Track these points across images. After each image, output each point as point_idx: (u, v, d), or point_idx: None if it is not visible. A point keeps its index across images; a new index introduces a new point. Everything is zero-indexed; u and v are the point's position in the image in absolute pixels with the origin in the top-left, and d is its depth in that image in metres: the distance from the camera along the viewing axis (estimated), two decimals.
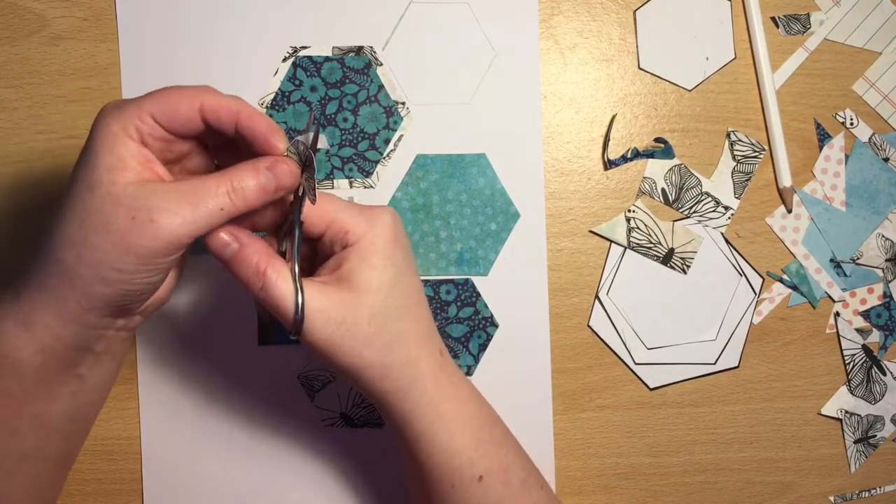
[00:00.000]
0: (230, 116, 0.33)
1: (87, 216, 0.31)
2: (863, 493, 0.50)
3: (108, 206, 0.31)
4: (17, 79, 0.46)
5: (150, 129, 0.32)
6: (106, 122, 0.32)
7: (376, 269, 0.35)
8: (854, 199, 0.49)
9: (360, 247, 0.35)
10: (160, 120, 0.32)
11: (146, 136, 0.32)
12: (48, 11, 0.46)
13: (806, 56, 0.49)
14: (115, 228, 0.31)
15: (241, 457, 0.47)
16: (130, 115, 0.32)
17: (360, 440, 0.47)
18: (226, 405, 0.47)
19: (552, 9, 0.48)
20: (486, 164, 0.48)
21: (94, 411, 0.39)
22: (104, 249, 0.31)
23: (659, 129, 0.48)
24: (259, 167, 0.33)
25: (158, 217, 0.31)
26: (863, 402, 0.50)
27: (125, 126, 0.32)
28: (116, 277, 0.31)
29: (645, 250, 0.48)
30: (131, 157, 0.32)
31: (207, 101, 0.33)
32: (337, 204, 0.36)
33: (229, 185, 0.32)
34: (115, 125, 0.32)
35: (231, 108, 0.33)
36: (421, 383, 0.36)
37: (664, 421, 0.49)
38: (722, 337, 0.49)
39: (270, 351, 0.47)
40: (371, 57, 0.47)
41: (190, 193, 0.32)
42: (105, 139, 0.31)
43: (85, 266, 0.31)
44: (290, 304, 0.33)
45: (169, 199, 0.31)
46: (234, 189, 0.32)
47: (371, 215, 0.36)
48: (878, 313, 0.50)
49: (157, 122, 0.32)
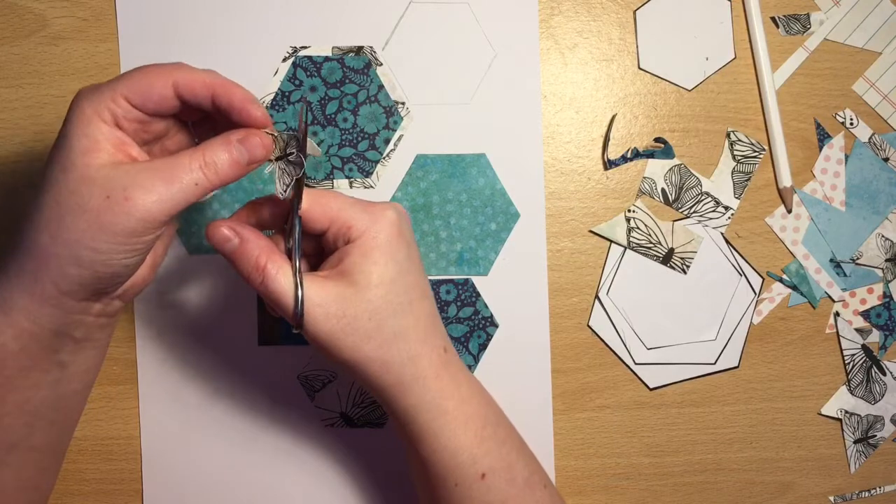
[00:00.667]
0: (205, 90, 0.34)
1: (61, 198, 0.31)
2: (863, 493, 0.50)
3: (82, 188, 0.31)
4: (17, 79, 0.46)
5: (124, 112, 0.32)
6: (80, 105, 0.32)
7: (377, 264, 0.35)
8: (854, 199, 0.49)
9: (362, 242, 0.35)
10: (134, 101, 0.33)
11: (120, 119, 0.33)
12: (48, 11, 0.46)
13: (806, 56, 0.49)
14: (90, 208, 0.31)
15: (241, 457, 0.47)
16: (104, 98, 0.32)
17: (360, 440, 0.47)
18: (226, 405, 0.47)
19: (552, 9, 0.48)
20: (486, 164, 0.48)
21: (79, 400, 0.39)
22: (79, 229, 0.31)
23: (659, 129, 0.48)
24: (231, 140, 0.33)
25: (132, 194, 0.31)
26: (863, 402, 0.50)
27: (98, 109, 0.32)
28: (91, 258, 0.31)
29: (645, 250, 0.48)
30: (105, 139, 0.32)
31: (181, 77, 0.33)
32: (341, 200, 0.36)
33: (202, 160, 0.33)
34: (89, 108, 0.32)
35: (205, 81, 0.34)
36: (423, 380, 0.36)
37: (664, 421, 0.49)
38: (722, 337, 0.49)
39: (270, 351, 0.47)
40: (371, 57, 0.47)
41: (163, 170, 0.32)
42: (79, 122, 0.32)
43: (60, 246, 0.31)
44: (289, 299, 0.34)
45: (142, 178, 0.31)
46: (207, 164, 0.33)
47: (375, 211, 0.36)
48: (877, 313, 0.50)
49: (130, 104, 0.33)
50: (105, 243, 0.31)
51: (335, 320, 0.34)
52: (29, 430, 0.36)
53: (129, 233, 0.31)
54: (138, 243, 0.32)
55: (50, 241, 0.31)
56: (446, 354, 0.38)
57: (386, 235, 0.35)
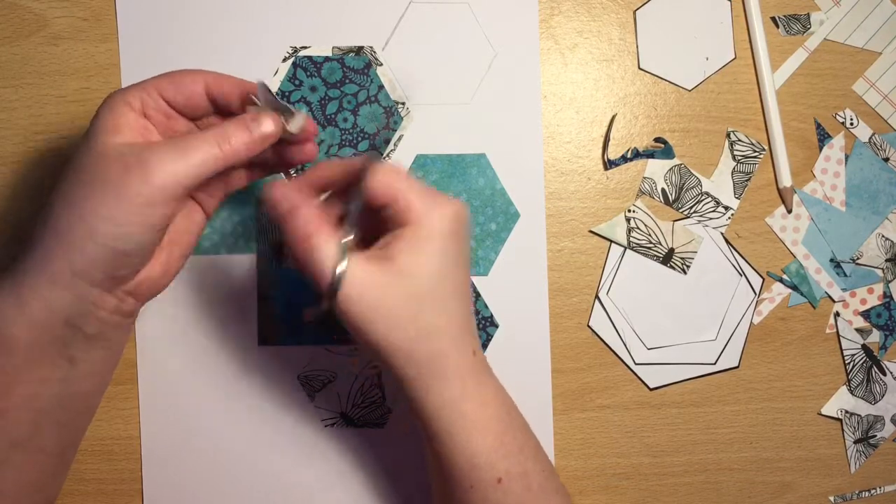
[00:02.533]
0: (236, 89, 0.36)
1: (81, 174, 0.33)
2: (863, 493, 0.50)
3: (100, 162, 0.32)
4: (17, 79, 0.46)
5: (153, 103, 0.34)
6: (111, 96, 0.34)
7: (425, 255, 0.34)
8: (854, 199, 0.49)
9: (415, 229, 0.34)
10: (165, 94, 0.35)
11: (148, 108, 0.34)
12: (48, 11, 0.46)
13: (806, 56, 0.49)
14: (108, 179, 0.32)
15: (242, 457, 0.47)
16: (134, 89, 0.34)
17: (360, 440, 0.47)
18: (226, 405, 0.47)
19: (552, 9, 0.48)
20: (486, 164, 0.48)
21: (89, 404, 0.39)
22: (96, 200, 0.32)
23: (659, 129, 0.49)
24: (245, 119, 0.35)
25: (148, 162, 0.32)
26: (863, 402, 0.50)
27: (127, 98, 0.34)
28: (106, 230, 0.32)
29: (645, 250, 0.48)
30: (128, 123, 0.34)
31: (211, 78, 0.36)
32: (406, 181, 0.35)
33: (217, 136, 0.34)
34: (118, 98, 0.34)
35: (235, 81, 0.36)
36: (445, 379, 0.35)
37: (664, 421, 0.49)
38: (722, 337, 0.49)
39: (270, 351, 0.47)
40: (371, 57, 0.47)
41: (180, 143, 0.33)
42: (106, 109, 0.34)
43: (76, 221, 0.32)
44: (328, 272, 0.33)
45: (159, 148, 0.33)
46: (223, 137, 0.34)
47: (437, 202, 0.35)
48: (878, 313, 0.50)
49: (161, 97, 0.35)
50: (121, 212, 0.32)
51: (369, 302, 0.33)
52: (35, 429, 0.36)
53: (145, 201, 0.32)
54: (153, 215, 0.33)
55: (65, 219, 0.32)
56: (474, 357, 0.37)
57: (440, 229, 0.34)
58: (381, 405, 0.48)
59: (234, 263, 0.47)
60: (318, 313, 0.34)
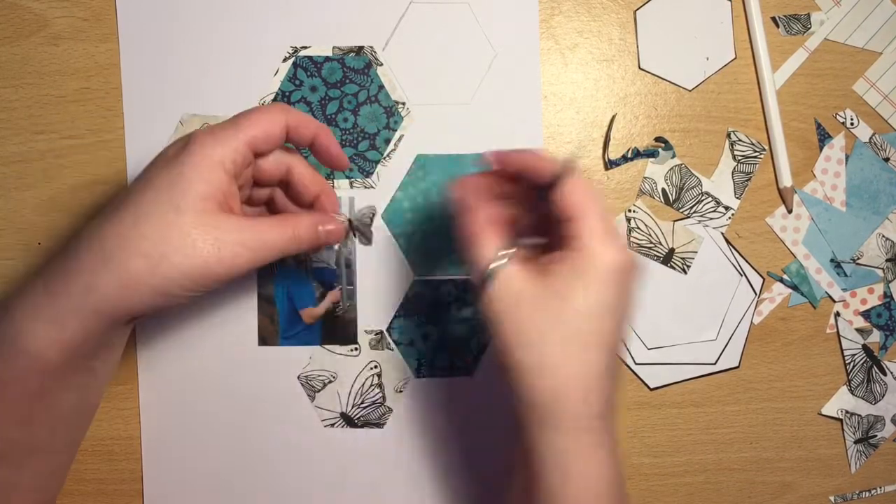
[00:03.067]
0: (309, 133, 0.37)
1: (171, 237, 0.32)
2: (863, 494, 0.50)
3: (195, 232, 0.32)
4: (17, 79, 0.46)
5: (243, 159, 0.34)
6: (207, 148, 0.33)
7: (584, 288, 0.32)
8: (854, 200, 0.49)
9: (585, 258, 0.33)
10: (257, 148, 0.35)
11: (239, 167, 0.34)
12: (48, 11, 0.46)
13: (806, 56, 0.49)
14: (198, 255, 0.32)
15: (242, 457, 0.47)
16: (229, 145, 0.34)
17: (360, 440, 0.47)
18: (226, 405, 0.47)
19: (552, 9, 0.48)
20: (487, 165, 0.47)
21: (98, 402, 0.40)
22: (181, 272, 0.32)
23: (659, 129, 0.48)
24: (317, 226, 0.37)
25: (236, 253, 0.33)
26: (863, 402, 0.50)
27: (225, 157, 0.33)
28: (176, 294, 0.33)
29: (645, 250, 0.48)
30: (220, 189, 0.33)
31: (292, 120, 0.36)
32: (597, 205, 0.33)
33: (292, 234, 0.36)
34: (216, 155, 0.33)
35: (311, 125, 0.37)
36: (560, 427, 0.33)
37: (665, 421, 0.49)
38: (722, 337, 0.49)
39: (270, 351, 0.47)
40: (371, 57, 0.47)
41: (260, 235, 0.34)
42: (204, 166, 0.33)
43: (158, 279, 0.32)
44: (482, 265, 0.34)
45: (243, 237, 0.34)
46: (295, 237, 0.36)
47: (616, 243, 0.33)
48: (878, 313, 0.50)
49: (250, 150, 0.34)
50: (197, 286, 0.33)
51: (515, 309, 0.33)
52: (52, 434, 0.36)
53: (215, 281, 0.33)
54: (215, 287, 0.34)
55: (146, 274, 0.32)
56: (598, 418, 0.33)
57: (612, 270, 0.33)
58: (382, 405, 0.48)
59: None
60: (317, 314, 0.35)
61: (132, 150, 0.46)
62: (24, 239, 0.46)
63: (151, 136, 0.46)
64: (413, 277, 0.47)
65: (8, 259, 0.46)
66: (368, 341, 0.47)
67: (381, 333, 0.47)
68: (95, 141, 0.46)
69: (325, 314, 0.47)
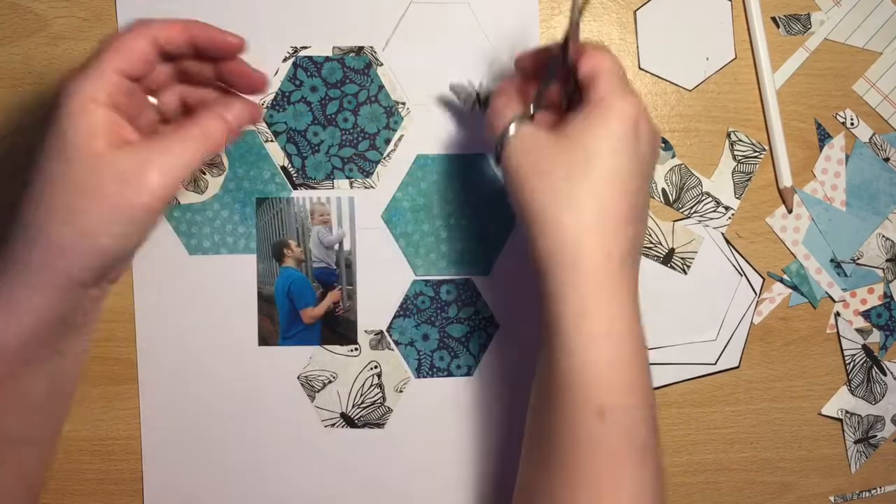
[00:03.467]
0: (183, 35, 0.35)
1: (69, 187, 0.32)
2: (863, 494, 0.50)
3: (91, 175, 0.31)
4: (18, 79, 0.46)
5: (116, 87, 0.33)
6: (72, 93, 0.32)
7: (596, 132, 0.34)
8: (854, 200, 0.49)
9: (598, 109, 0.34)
10: (124, 70, 0.33)
11: (114, 95, 0.33)
12: (49, 12, 0.46)
13: (806, 56, 0.49)
14: (106, 192, 0.31)
15: (242, 457, 0.47)
16: (95, 80, 0.32)
17: (360, 440, 0.47)
18: (226, 405, 0.47)
19: (552, 9, 0.48)
20: (487, 164, 0.47)
21: (73, 385, 0.39)
22: (95, 217, 0.31)
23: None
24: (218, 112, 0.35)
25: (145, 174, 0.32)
26: (863, 403, 0.50)
27: (93, 93, 0.32)
28: (110, 243, 0.32)
29: (645, 250, 0.48)
30: (102, 123, 0.32)
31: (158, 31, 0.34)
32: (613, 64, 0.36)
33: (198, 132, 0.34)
34: (83, 95, 0.32)
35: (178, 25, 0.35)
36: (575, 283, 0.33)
37: (665, 421, 0.49)
38: (722, 337, 0.49)
39: (270, 351, 0.47)
40: (371, 57, 0.47)
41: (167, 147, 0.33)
42: (75, 110, 0.32)
43: (76, 237, 0.31)
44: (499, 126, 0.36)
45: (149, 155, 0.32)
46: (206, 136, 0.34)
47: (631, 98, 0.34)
48: (878, 313, 0.50)
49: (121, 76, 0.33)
50: (124, 226, 0.32)
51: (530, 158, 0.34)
52: (27, 424, 0.36)
53: (145, 210, 0.32)
54: (152, 219, 0.33)
55: (63, 232, 0.31)
56: (614, 264, 0.33)
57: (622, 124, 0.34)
58: (382, 405, 0.48)
59: (234, 263, 0.47)
60: (317, 314, 0.34)
61: None
62: None
63: None
64: (413, 277, 0.47)
65: None
66: (368, 341, 0.47)
67: (381, 333, 0.47)
68: None
69: (325, 314, 0.47)
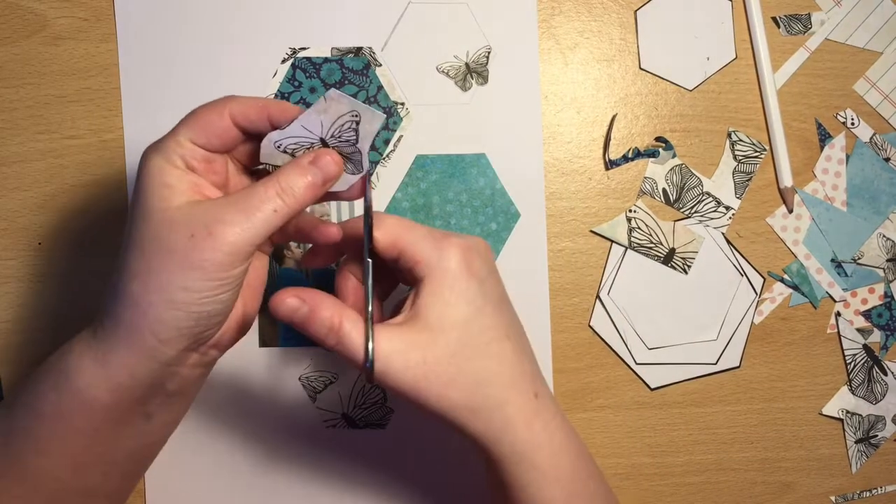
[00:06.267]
0: (260, 112, 0.34)
1: (145, 244, 0.31)
2: (864, 494, 0.50)
3: (163, 230, 0.31)
4: (18, 79, 0.46)
5: (191, 153, 0.33)
6: (149, 157, 0.32)
7: (448, 304, 0.33)
8: (855, 199, 0.49)
9: (430, 280, 0.34)
10: (198, 141, 0.33)
11: (190, 161, 0.33)
12: (49, 12, 0.46)
13: (807, 56, 0.49)
14: (176, 249, 0.31)
15: (243, 458, 0.47)
16: (169, 146, 0.32)
17: (361, 441, 0.47)
18: (227, 406, 0.47)
19: (553, 8, 0.48)
20: (486, 164, 0.47)
21: (156, 451, 0.39)
22: (168, 271, 0.31)
23: (660, 129, 0.48)
24: (303, 164, 0.33)
25: (215, 229, 0.31)
26: (864, 402, 0.50)
27: (167, 157, 0.32)
28: (185, 298, 0.31)
29: (646, 250, 0.48)
30: (179, 182, 0.32)
31: (234, 106, 0.33)
32: (410, 233, 0.34)
33: (278, 187, 0.33)
34: (159, 158, 0.32)
35: (258, 103, 0.34)
36: (512, 429, 0.34)
37: (665, 421, 0.49)
38: (723, 337, 0.49)
39: (271, 352, 0.47)
40: (370, 58, 0.47)
41: (241, 202, 0.32)
42: (152, 173, 0.32)
43: (153, 293, 0.31)
44: (359, 355, 0.33)
45: (222, 211, 0.31)
46: (284, 189, 0.33)
47: (443, 245, 0.34)
48: (879, 313, 0.50)
49: (195, 145, 0.33)
50: (197, 281, 0.31)
51: (415, 368, 0.33)
52: (105, 479, 0.36)
53: (218, 267, 0.31)
54: (228, 277, 0.32)
55: (142, 290, 0.31)
56: (537, 400, 0.35)
57: (454, 273, 0.34)
58: (383, 406, 0.47)
59: None
60: None
61: (132, 150, 0.46)
62: (24, 239, 0.46)
63: (151, 137, 0.46)
64: None
65: (8, 259, 0.46)
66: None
67: None
68: (95, 141, 0.46)
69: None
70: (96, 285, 0.46)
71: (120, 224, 0.46)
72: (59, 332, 0.46)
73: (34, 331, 0.46)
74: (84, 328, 0.34)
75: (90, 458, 0.34)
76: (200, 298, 0.32)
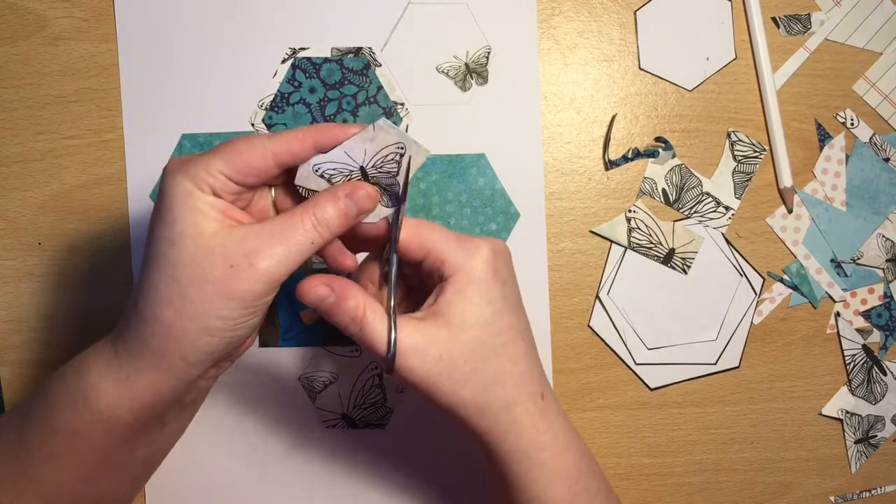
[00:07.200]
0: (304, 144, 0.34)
1: (178, 271, 0.31)
2: (863, 494, 0.50)
3: (200, 258, 0.31)
4: (18, 79, 0.46)
5: (223, 186, 0.32)
6: (175, 178, 0.32)
7: (471, 303, 0.34)
8: (855, 200, 0.49)
9: (455, 279, 0.34)
10: (233, 177, 0.32)
11: (218, 191, 0.32)
12: (49, 12, 0.46)
13: (806, 56, 0.49)
14: (214, 278, 0.31)
15: (243, 458, 0.47)
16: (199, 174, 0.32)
17: (361, 441, 0.47)
18: (227, 406, 0.47)
19: (552, 9, 0.48)
20: (486, 165, 0.47)
21: (165, 454, 0.40)
22: (206, 300, 0.31)
23: (659, 130, 0.48)
24: (338, 195, 0.34)
25: (256, 261, 0.31)
26: (863, 403, 0.50)
27: (197, 183, 0.32)
28: (221, 326, 0.32)
29: (645, 250, 0.48)
30: (209, 209, 0.32)
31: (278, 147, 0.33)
32: (436, 233, 0.35)
33: (314, 219, 0.33)
34: (187, 182, 0.32)
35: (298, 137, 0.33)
36: (518, 428, 0.35)
37: (665, 421, 0.49)
38: (723, 337, 0.49)
39: (271, 353, 0.47)
40: (370, 58, 0.47)
41: (278, 233, 0.32)
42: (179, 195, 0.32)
43: (187, 320, 0.31)
44: (381, 346, 0.33)
45: (261, 243, 0.32)
46: (319, 221, 0.33)
47: (469, 246, 0.35)
48: (878, 313, 0.50)
49: (229, 180, 0.32)
50: (234, 310, 0.31)
51: (431, 364, 0.33)
52: (117, 485, 0.37)
53: (255, 296, 0.32)
54: (262, 304, 0.33)
55: (175, 317, 0.31)
56: (543, 401, 0.36)
57: (480, 273, 0.34)
58: (383, 406, 0.48)
59: None
60: (317, 316, 0.34)
61: (132, 150, 0.46)
62: (24, 239, 0.46)
63: (151, 137, 0.46)
64: None
65: (8, 259, 0.46)
66: None
67: None
68: (95, 141, 0.46)
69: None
70: (95, 285, 0.46)
71: (120, 224, 0.46)
72: (59, 332, 0.46)
73: (34, 331, 0.46)
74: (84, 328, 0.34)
75: (105, 470, 0.35)
76: (235, 325, 0.32)
